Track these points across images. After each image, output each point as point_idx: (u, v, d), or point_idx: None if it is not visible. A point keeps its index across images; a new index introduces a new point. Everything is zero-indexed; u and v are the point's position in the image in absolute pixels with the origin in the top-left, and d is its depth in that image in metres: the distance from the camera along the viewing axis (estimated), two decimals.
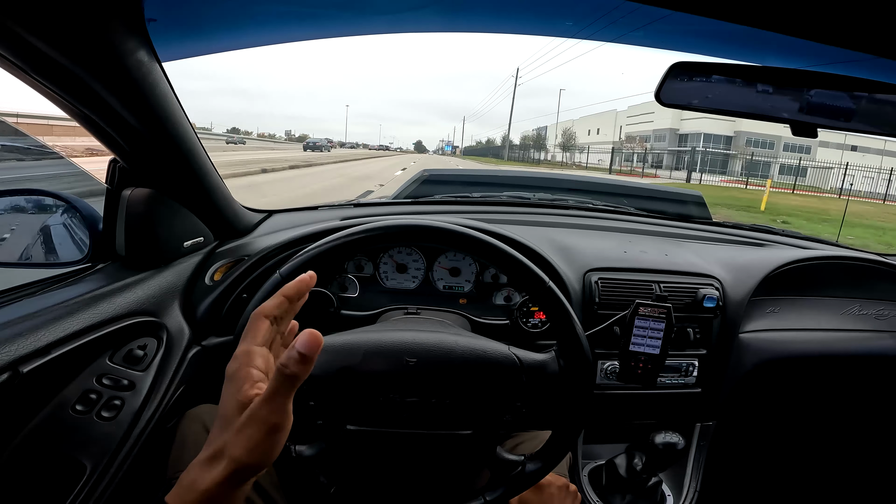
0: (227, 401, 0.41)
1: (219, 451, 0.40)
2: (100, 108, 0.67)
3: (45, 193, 0.87)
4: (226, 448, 0.40)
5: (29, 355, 0.62)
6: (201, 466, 0.40)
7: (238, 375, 0.42)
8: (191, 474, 0.40)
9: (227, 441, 0.40)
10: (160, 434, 0.79)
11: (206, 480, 0.39)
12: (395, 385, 0.64)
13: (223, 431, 0.40)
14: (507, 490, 0.67)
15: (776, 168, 30.04)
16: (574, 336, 0.65)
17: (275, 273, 0.63)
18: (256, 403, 0.40)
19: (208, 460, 0.40)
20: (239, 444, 0.39)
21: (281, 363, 0.39)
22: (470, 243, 0.65)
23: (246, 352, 0.43)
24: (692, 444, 1.13)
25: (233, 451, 0.39)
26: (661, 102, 0.67)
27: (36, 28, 0.52)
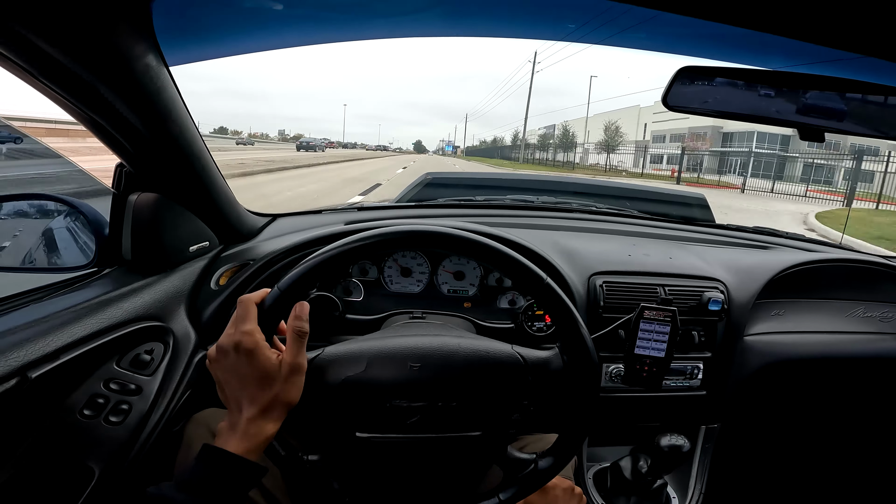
0: (261, 365, 0.55)
1: (270, 402, 0.56)
2: (107, 112, 0.67)
3: (50, 198, 0.87)
4: (277, 398, 0.56)
5: (37, 360, 0.62)
6: (257, 420, 0.55)
7: (259, 347, 0.56)
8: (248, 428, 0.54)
9: (276, 393, 0.56)
10: (167, 438, 0.79)
11: (269, 427, 0.56)
12: (401, 391, 0.64)
13: (265, 389, 0.55)
14: (521, 489, 0.67)
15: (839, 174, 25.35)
16: (576, 331, 0.65)
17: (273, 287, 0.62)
18: (287, 358, 0.57)
19: (262, 412, 0.55)
20: (290, 390, 0.57)
21: (294, 327, 0.58)
22: (467, 246, 0.65)
23: (254, 329, 0.57)
24: (697, 446, 1.13)
25: (285, 396, 0.56)
26: (668, 107, 0.67)
27: (44, 32, 0.53)
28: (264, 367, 0.55)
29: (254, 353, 0.56)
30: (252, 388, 0.55)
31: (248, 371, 0.56)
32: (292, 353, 0.57)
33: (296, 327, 0.58)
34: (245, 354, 0.55)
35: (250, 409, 0.55)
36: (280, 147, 51.53)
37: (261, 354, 0.56)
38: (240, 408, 0.55)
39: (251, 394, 0.55)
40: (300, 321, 0.58)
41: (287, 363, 0.57)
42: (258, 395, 0.55)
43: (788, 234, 1.43)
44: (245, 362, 0.56)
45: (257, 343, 0.56)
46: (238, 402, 0.56)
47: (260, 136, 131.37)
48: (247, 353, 0.55)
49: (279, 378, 0.56)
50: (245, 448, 0.53)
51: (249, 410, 0.54)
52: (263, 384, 0.55)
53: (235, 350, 0.56)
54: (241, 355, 0.56)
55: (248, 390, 0.55)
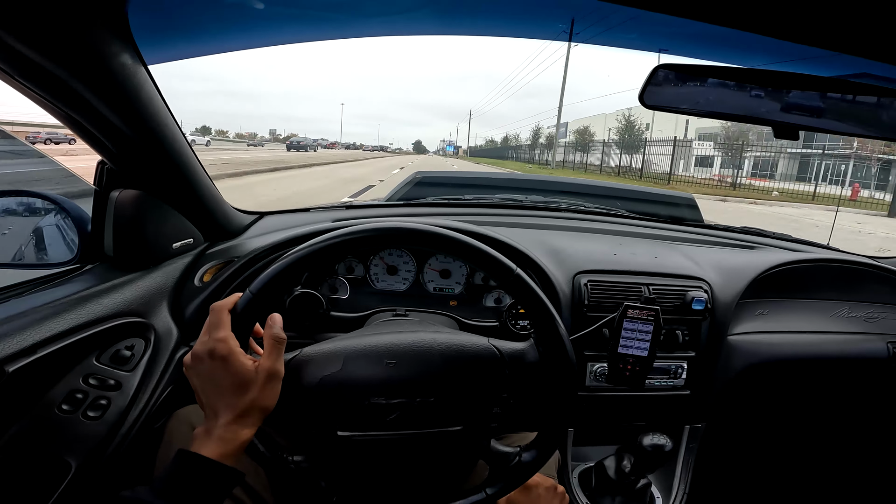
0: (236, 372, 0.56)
1: (247, 408, 0.56)
2: (85, 110, 0.67)
3: (33, 195, 0.87)
4: (253, 403, 0.56)
5: (14, 355, 0.62)
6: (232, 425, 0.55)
7: (233, 353, 0.57)
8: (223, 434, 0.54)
9: (253, 398, 0.56)
10: (147, 434, 0.79)
11: (245, 432, 0.56)
12: (379, 388, 0.64)
13: (241, 395, 0.56)
14: (507, 482, 0.67)
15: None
16: (550, 322, 0.64)
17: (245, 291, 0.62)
18: (265, 364, 0.57)
19: (237, 419, 0.55)
20: (266, 396, 0.57)
21: (272, 336, 0.59)
22: (436, 240, 0.64)
23: (229, 336, 0.57)
24: (681, 445, 1.13)
25: (262, 402, 0.57)
26: (644, 105, 0.67)
27: (18, 32, 0.53)
28: (239, 373, 0.56)
29: (228, 359, 0.56)
30: (227, 395, 0.56)
31: (223, 377, 0.56)
32: (270, 359, 0.58)
33: (273, 335, 0.59)
34: (220, 361, 0.56)
35: (226, 414, 0.55)
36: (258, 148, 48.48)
37: (235, 361, 0.56)
38: (216, 413, 0.56)
39: (227, 400, 0.56)
40: (276, 329, 0.59)
41: (264, 369, 0.57)
42: (234, 400, 0.56)
43: (775, 235, 1.44)
44: (220, 369, 0.56)
45: (231, 349, 0.57)
46: (214, 407, 0.56)
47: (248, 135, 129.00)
48: (221, 360, 0.56)
49: (255, 384, 0.56)
50: (220, 453, 0.53)
51: (225, 416, 0.55)
52: (239, 390, 0.56)
53: (210, 357, 0.56)
54: (215, 362, 0.56)
55: (223, 397, 0.56)
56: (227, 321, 0.59)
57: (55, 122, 0.69)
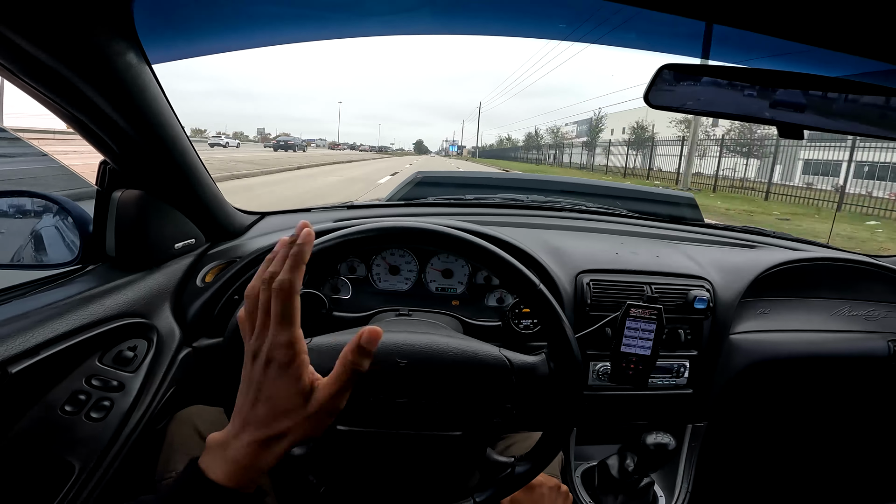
0: (287, 389, 0.44)
1: (281, 433, 0.44)
2: (89, 110, 0.67)
3: (35, 195, 0.86)
4: (290, 431, 0.44)
5: (17, 356, 0.62)
6: (254, 447, 0.43)
7: (295, 364, 0.44)
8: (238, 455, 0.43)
9: (290, 426, 0.44)
10: (150, 435, 0.79)
11: (270, 460, 0.44)
12: (386, 386, 0.64)
13: (283, 418, 0.44)
14: (497, 491, 0.68)
15: None
16: (564, 338, 0.65)
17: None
18: (326, 394, 0.45)
19: (268, 442, 0.44)
20: (307, 428, 0.45)
21: (350, 360, 0.44)
22: (460, 245, 0.65)
23: (294, 338, 0.44)
24: (684, 444, 1.13)
25: (299, 432, 0.45)
26: (650, 104, 0.67)
27: (24, 30, 0.53)
28: (294, 392, 0.44)
29: (287, 370, 0.44)
30: (264, 411, 0.44)
31: (270, 389, 0.44)
32: (335, 388, 0.45)
33: (353, 363, 0.44)
34: (276, 370, 0.44)
35: (252, 432, 0.44)
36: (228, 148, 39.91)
37: (295, 374, 0.44)
38: (242, 426, 0.44)
39: (260, 417, 0.44)
40: (363, 356, 0.45)
41: (323, 397, 0.44)
42: (268, 421, 0.44)
43: (776, 234, 1.44)
44: (272, 378, 0.44)
45: (295, 358, 0.44)
46: (243, 416, 0.45)
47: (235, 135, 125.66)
48: (279, 370, 0.44)
49: (305, 411, 0.44)
50: (233, 477, 0.43)
51: (250, 434, 0.44)
52: (281, 412, 0.44)
53: (266, 362, 0.44)
54: (271, 368, 0.44)
55: (257, 410, 0.44)
56: (296, 312, 0.44)
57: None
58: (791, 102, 0.64)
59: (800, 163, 17.33)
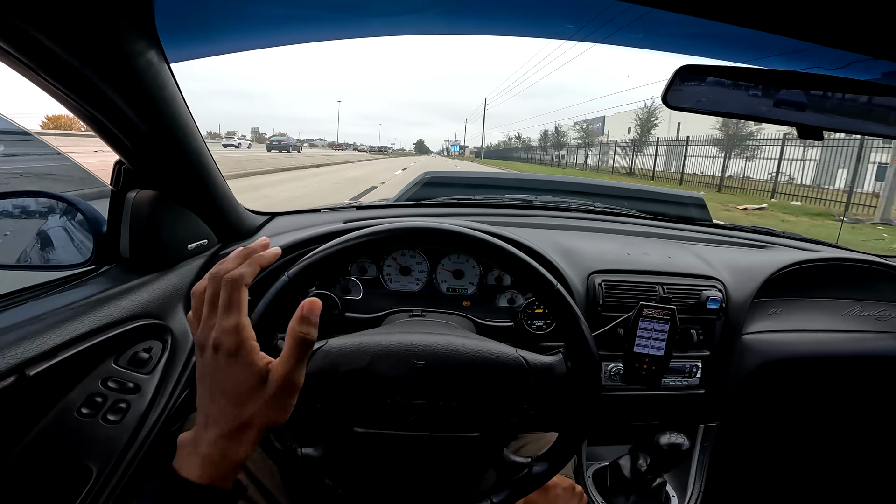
0: (240, 375, 0.43)
1: (246, 422, 0.43)
2: (107, 109, 0.67)
3: (49, 196, 0.86)
4: (254, 418, 0.43)
5: (35, 358, 0.62)
6: (222, 441, 0.42)
7: (244, 349, 0.43)
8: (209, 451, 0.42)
9: (254, 412, 0.43)
10: (165, 437, 0.79)
11: (241, 451, 0.43)
12: (403, 387, 0.64)
13: (242, 406, 0.43)
14: (514, 492, 0.67)
15: None
16: (582, 338, 0.65)
17: (282, 275, 0.63)
18: (282, 371, 0.44)
19: (234, 433, 0.43)
20: (271, 411, 0.44)
21: (297, 330, 0.44)
22: (478, 246, 0.65)
23: (241, 325, 0.43)
24: (696, 444, 1.13)
25: (264, 418, 0.43)
26: (668, 105, 0.67)
27: (46, 27, 0.52)
28: (247, 378, 0.43)
29: (237, 356, 0.43)
30: (223, 402, 0.43)
31: (224, 378, 0.43)
32: (289, 364, 0.44)
33: (301, 332, 0.44)
34: (225, 357, 0.43)
35: (218, 426, 0.43)
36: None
37: (245, 360, 0.43)
38: (207, 421, 0.43)
39: (221, 408, 0.43)
40: (308, 325, 0.44)
41: (278, 376, 0.43)
42: (231, 411, 0.43)
43: (786, 234, 1.44)
44: (223, 367, 0.43)
45: (243, 343, 0.43)
46: (206, 412, 0.44)
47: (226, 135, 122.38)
48: (227, 356, 0.43)
49: (263, 394, 0.43)
50: (205, 474, 0.42)
51: (216, 428, 0.43)
52: (241, 399, 0.43)
53: (214, 349, 0.43)
54: (219, 357, 0.43)
55: (217, 403, 0.43)
56: (243, 301, 0.44)
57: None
58: (810, 103, 0.63)
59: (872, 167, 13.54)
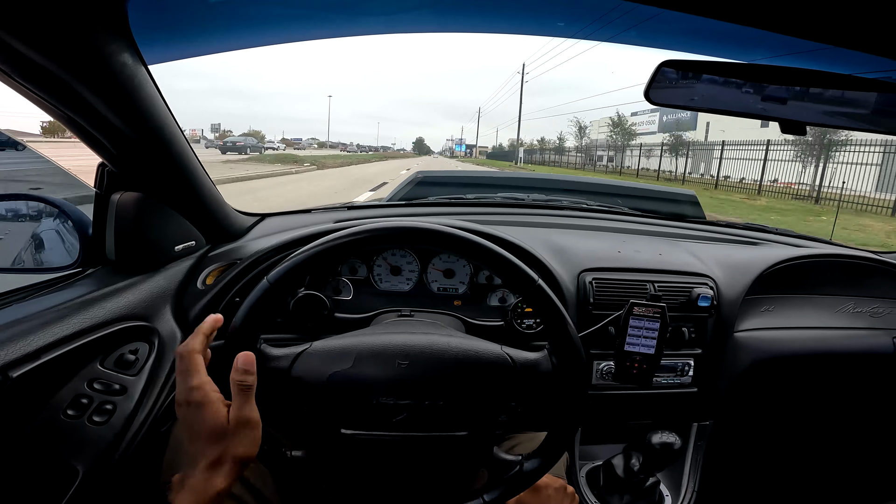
0: (209, 420, 0.54)
1: (219, 457, 0.53)
2: (85, 111, 0.67)
3: (35, 199, 0.86)
4: (226, 453, 0.54)
5: (18, 360, 0.62)
6: (204, 475, 0.53)
7: (208, 401, 0.55)
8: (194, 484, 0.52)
9: (224, 448, 0.54)
10: (153, 438, 0.78)
11: (218, 482, 0.53)
12: (388, 388, 0.63)
13: (214, 444, 0.54)
14: (506, 490, 0.67)
15: None
16: (566, 334, 0.65)
17: (262, 279, 0.62)
18: (235, 413, 0.55)
19: (209, 468, 0.53)
20: (238, 445, 0.54)
21: (236, 380, 0.55)
22: (459, 244, 0.65)
23: (201, 384, 0.55)
24: (689, 443, 1.13)
25: (234, 452, 0.54)
26: (650, 101, 0.67)
27: (17, 31, 0.52)
28: (213, 421, 0.54)
29: (203, 407, 0.54)
30: (201, 442, 0.54)
31: (197, 426, 0.55)
32: (237, 406, 0.55)
33: (238, 381, 0.55)
34: (195, 408, 0.54)
35: (199, 462, 0.53)
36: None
37: (209, 408, 0.54)
38: (192, 461, 0.54)
39: (200, 448, 0.54)
40: (244, 374, 0.56)
41: (234, 418, 0.55)
42: (206, 449, 0.54)
43: (779, 231, 1.43)
44: (196, 416, 0.54)
45: (205, 397, 0.55)
46: (190, 454, 0.55)
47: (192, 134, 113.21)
48: (197, 407, 0.54)
49: (228, 433, 0.54)
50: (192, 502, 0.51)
51: (198, 464, 0.53)
52: (212, 439, 0.54)
53: (187, 404, 0.55)
54: (191, 409, 0.54)
55: (195, 444, 0.54)
56: (199, 366, 0.56)
57: None
58: (793, 98, 0.63)
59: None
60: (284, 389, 0.64)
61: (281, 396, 0.65)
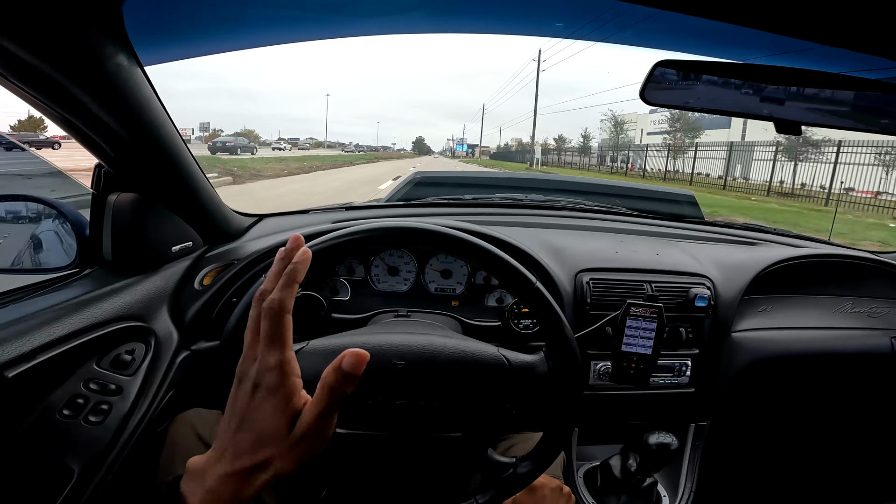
0: (272, 415, 0.40)
1: (264, 462, 0.40)
2: (81, 113, 0.67)
3: (32, 199, 0.86)
4: (273, 460, 0.40)
5: (14, 360, 0.62)
6: (234, 477, 0.40)
7: (284, 387, 0.40)
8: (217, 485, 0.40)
9: (274, 454, 0.40)
10: (150, 438, 0.79)
11: (247, 493, 0.40)
12: (384, 388, 0.63)
13: (266, 445, 0.40)
14: (499, 492, 0.67)
15: None
16: (563, 337, 0.65)
17: (261, 278, 0.63)
18: (310, 421, 0.40)
19: (246, 472, 0.40)
20: (292, 458, 0.41)
21: (330, 385, 0.40)
22: (457, 245, 0.65)
23: (285, 360, 0.41)
24: (687, 444, 1.12)
25: (284, 463, 0.40)
26: (645, 101, 0.67)
27: (12, 32, 0.52)
28: (277, 419, 0.40)
29: (275, 395, 0.40)
30: (245, 437, 0.40)
31: (253, 415, 0.40)
32: (315, 411, 0.41)
33: (333, 385, 0.40)
34: (263, 394, 0.40)
35: (231, 462, 0.40)
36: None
37: (282, 400, 0.40)
38: (222, 453, 0.40)
39: (240, 443, 0.40)
40: (347, 381, 0.40)
41: (305, 424, 0.40)
42: (249, 449, 0.40)
43: (777, 231, 1.43)
44: (257, 404, 0.40)
45: (283, 382, 0.41)
46: (224, 443, 0.41)
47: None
48: (265, 393, 0.40)
49: (289, 439, 0.40)
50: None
51: (229, 463, 0.40)
52: (263, 439, 0.40)
53: (254, 386, 0.41)
54: (257, 393, 0.41)
55: (239, 437, 0.41)
56: (286, 333, 0.41)
57: None
58: (788, 98, 0.63)
59: None
60: None
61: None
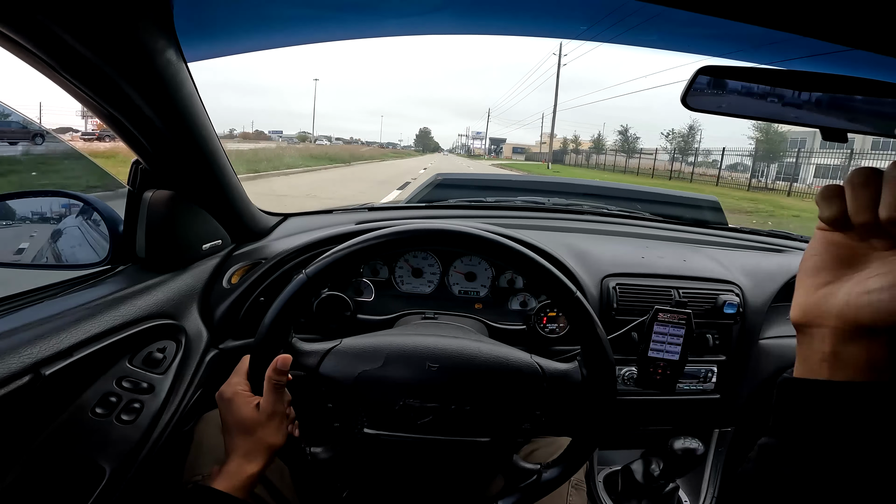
0: (239, 413, 0.62)
1: (254, 445, 0.61)
2: (127, 108, 0.67)
3: (65, 195, 0.87)
4: (259, 441, 0.61)
5: (51, 357, 0.62)
6: (238, 461, 0.61)
7: (238, 396, 0.63)
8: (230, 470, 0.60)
9: (258, 437, 0.61)
10: (178, 437, 0.79)
11: (250, 468, 0.60)
12: (416, 390, 0.63)
13: (248, 435, 0.62)
14: (522, 498, 0.67)
15: None
16: (600, 347, 0.65)
17: (300, 273, 0.63)
18: (266, 406, 0.62)
19: (243, 456, 0.61)
20: (269, 434, 0.62)
21: (272, 379, 0.62)
22: (499, 250, 0.65)
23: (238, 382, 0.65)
24: (710, 450, 1.12)
25: (267, 440, 0.62)
26: (687, 107, 0.66)
27: (68, 25, 0.52)
28: (242, 414, 0.62)
29: (232, 401, 0.63)
30: (235, 434, 0.62)
31: (229, 418, 0.63)
32: (267, 401, 0.62)
33: (272, 378, 0.62)
34: (226, 403, 0.63)
35: (235, 452, 0.61)
36: None
37: (238, 403, 0.62)
38: (229, 451, 0.62)
39: (235, 439, 0.62)
40: (279, 374, 0.62)
41: (263, 411, 0.62)
42: (239, 440, 0.62)
43: (803, 238, 1.42)
44: (227, 410, 0.63)
45: (235, 392, 0.63)
46: (227, 445, 0.63)
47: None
48: (227, 402, 0.63)
49: (258, 425, 0.62)
50: (228, 486, 0.59)
51: (234, 454, 0.61)
52: (243, 430, 0.62)
53: (220, 399, 0.64)
54: (223, 403, 0.64)
55: (231, 436, 0.63)
56: (242, 368, 0.66)
57: None
58: (833, 105, 0.62)
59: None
60: (311, 385, 0.66)
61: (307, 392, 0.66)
